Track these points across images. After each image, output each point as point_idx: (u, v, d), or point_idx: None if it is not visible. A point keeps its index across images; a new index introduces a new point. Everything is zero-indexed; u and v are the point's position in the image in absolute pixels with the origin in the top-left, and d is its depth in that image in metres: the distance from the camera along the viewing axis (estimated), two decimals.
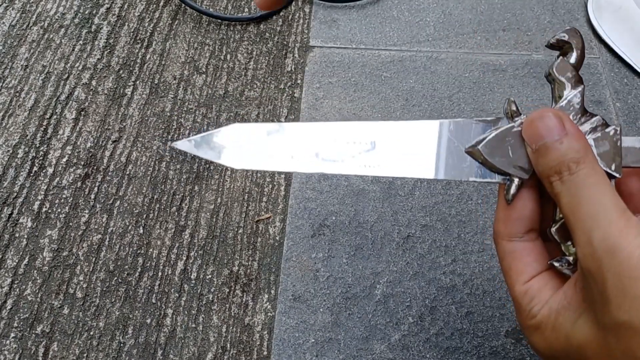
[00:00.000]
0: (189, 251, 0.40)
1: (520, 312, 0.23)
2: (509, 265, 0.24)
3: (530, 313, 0.22)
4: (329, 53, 0.50)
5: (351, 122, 0.26)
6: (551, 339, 0.21)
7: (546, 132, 0.22)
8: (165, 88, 0.48)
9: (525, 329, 0.23)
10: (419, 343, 0.36)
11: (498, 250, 0.25)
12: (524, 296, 0.23)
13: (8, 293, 0.38)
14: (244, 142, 0.25)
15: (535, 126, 0.22)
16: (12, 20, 0.52)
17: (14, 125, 0.45)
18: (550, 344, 0.22)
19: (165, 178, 0.43)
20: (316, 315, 0.37)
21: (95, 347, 0.36)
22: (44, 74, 0.49)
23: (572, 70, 0.24)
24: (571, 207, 0.21)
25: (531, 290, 0.23)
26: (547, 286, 0.23)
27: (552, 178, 0.22)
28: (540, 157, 0.22)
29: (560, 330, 0.21)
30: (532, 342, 0.23)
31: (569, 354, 0.21)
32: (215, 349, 0.36)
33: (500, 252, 0.24)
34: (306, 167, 0.25)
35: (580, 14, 0.53)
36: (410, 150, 0.25)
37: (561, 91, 0.24)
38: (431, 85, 0.48)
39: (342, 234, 0.40)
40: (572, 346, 0.21)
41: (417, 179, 0.43)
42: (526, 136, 0.23)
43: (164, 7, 0.53)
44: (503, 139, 0.24)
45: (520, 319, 0.23)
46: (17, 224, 0.41)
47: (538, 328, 0.22)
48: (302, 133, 0.26)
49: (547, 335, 0.22)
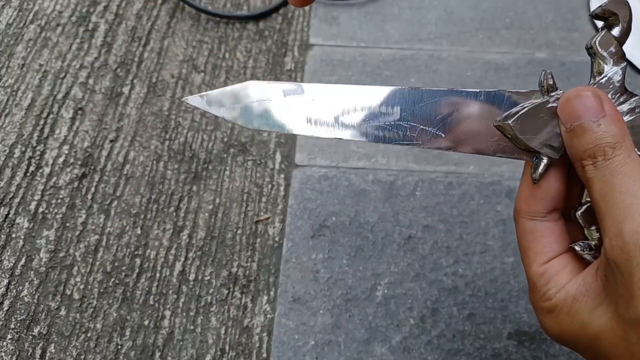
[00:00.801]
0: (187, 252, 0.39)
1: (534, 292, 0.23)
2: (528, 244, 0.23)
3: (546, 295, 0.22)
4: (329, 51, 0.50)
5: (378, 87, 0.24)
6: (565, 323, 0.21)
7: (583, 112, 0.21)
8: (163, 87, 0.48)
9: (538, 310, 0.23)
10: (421, 345, 0.36)
11: (518, 228, 0.24)
12: (541, 277, 0.22)
13: (5, 294, 0.37)
14: (259, 101, 0.24)
15: (572, 105, 0.21)
16: (9, 18, 0.51)
17: (11, 125, 0.45)
18: (563, 328, 0.21)
19: (163, 178, 0.43)
20: (316, 317, 0.37)
21: (92, 349, 0.35)
22: (41, 73, 0.48)
23: (616, 45, 0.22)
24: (603, 194, 0.20)
25: (548, 272, 0.22)
26: (566, 269, 0.22)
27: (585, 162, 0.21)
28: (574, 138, 0.21)
29: (576, 317, 0.21)
30: (544, 323, 0.23)
31: (581, 340, 0.21)
32: (213, 351, 0.36)
33: (520, 230, 0.24)
34: (323, 132, 0.24)
35: (582, 13, 0.53)
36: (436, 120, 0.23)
37: (601, 67, 0.22)
38: (433, 84, 0.48)
39: (342, 234, 0.40)
40: (586, 334, 0.20)
41: (419, 179, 0.42)
42: (561, 114, 0.22)
43: (162, 5, 0.53)
44: (536, 114, 0.22)
45: (534, 299, 0.23)
46: (13, 224, 0.40)
47: (552, 311, 0.22)
48: (322, 94, 0.24)
49: (560, 318, 0.21)
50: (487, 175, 0.43)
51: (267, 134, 0.45)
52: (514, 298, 0.37)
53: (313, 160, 0.44)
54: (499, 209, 0.41)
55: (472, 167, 0.43)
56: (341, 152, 0.44)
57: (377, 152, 0.44)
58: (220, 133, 0.45)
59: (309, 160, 0.44)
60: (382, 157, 0.44)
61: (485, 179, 0.43)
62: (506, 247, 0.39)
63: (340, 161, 0.43)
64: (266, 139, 0.45)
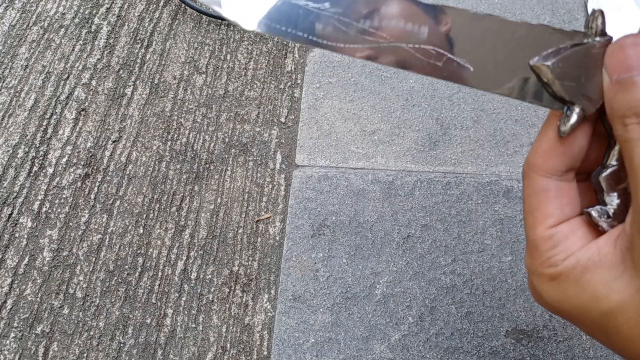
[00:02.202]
0: (189, 251, 0.40)
1: (535, 257, 0.21)
2: (538, 204, 0.21)
3: (550, 261, 0.20)
4: (329, 53, 0.50)
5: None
6: (569, 293, 0.20)
7: (636, 63, 0.18)
8: (165, 88, 0.48)
9: (537, 276, 0.21)
10: (419, 343, 0.36)
11: (527, 185, 0.21)
12: (546, 241, 0.20)
13: (8, 293, 0.38)
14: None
15: (624, 54, 0.18)
16: (12, 20, 0.52)
17: (14, 125, 0.45)
18: (566, 298, 0.20)
19: (165, 178, 0.43)
20: (316, 315, 0.37)
21: (95, 347, 0.36)
22: (44, 74, 0.48)
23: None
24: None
25: (556, 237, 0.20)
26: (576, 235, 0.20)
27: (628, 120, 0.18)
28: (620, 92, 0.18)
29: (586, 288, 0.19)
30: (540, 289, 0.21)
31: (588, 313, 0.19)
32: (215, 349, 0.36)
33: (530, 188, 0.21)
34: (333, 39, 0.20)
35: (580, 14, 0.53)
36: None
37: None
38: (431, 85, 0.48)
39: (342, 234, 0.40)
40: (597, 307, 0.19)
41: (417, 179, 0.43)
42: (609, 63, 0.19)
43: (164, 7, 0.53)
44: (578, 59, 0.19)
45: (534, 264, 0.21)
46: (17, 224, 0.41)
47: (555, 279, 0.20)
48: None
49: (564, 287, 0.20)
50: (485, 175, 0.43)
51: (268, 135, 0.45)
52: (512, 296, 0.38)
53: (313, 160, 0.44)
54: (497, 208, 0.42)
55: (470, 167, 0.44)
56: (341, 153, 0.44)
57: (376, 153, 0.44)
58: (222, 134, 0.45)
59: (309, 160, 0.44)
60: (381, 157, 0.44)
61: (483, 178, 0.43)
62: (504, 246, 0.40)
63: (340, 161, 0.44)
64: (267, 140, 0.45)
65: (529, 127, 0.46)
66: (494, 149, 0.45)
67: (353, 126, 0.46)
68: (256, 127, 0.46)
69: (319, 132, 0.45)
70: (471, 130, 0.46)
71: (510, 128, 0.46)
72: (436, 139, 0.45)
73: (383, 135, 0.45)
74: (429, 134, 0.45)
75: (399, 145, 0.45)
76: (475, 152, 0.44)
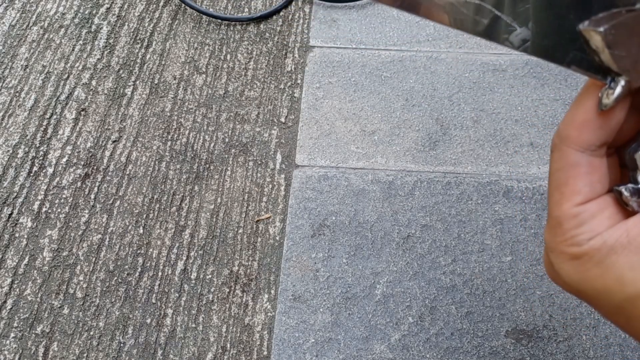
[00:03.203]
0: (189, 251, 0.40)
1: (557, 234, 0.20)
2: (566, 179, 0.20)
3: (575, 240, 0.19)
4: (329, 53, 0.50)
5: None
6: (592, 275, 0.19)
7: None
8: (165, 88, 0.48)
9: (558, 254, 0.20)
10: (419, 343, 0.36)
11: (557, 158, 0.20)
12: (572, 219, 0.20)
13: (8, 293, 0.38)
14: None
15: None
16: (12, 20, 0.52)
17: (14, 125, 0.45)
18: (588, 279, 0.19)
19: (165, 178, 0.43)
20: (316, 315, 0.37)
21: (95, 347, 0.36)
22: (44, 74, 0.49)
23: None
24: None
25: (583, 215, 0.20)
26: (603, 215, 0.20)
27: None
28: None
29: (611, 270, 0.19)
30: (560, 268, 0.20)
31: (612, 297, 0.19)
32: (215, 348, 0.36)
33: (560, 161, 0.20)
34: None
35: None
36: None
37: None
38: (431, 85, 0.48)
39: (342, 234, 0.40)
40: (622, 291, 0.18)
41: (417, 179, 0.43)
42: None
43: (164, 7, 0.53)
44: (632, 26, 0.18)
45: (555, 241, 0.20)
46: (17, 224, 0.41)
47: (578, 258, 0.19)
48: None
49: (586, 268, 0.19)
50: (485, 175, 0.43)
51: (268, 135, 0.45)
52: (512, 296, 0.38)
53: (313, 160, 0.44)
54: (497, 208, 0.42)
55: (470, 167, 0.44)
56: (341, 153, 0.44)
57: (376, 153, 0.44)
58: (222, 134, 0.45)
59: (309, 160, 0.44)
60: (381, 157, 0.44)
61: (483, 179, 0.43)
62: (504, 246, 0.40)
63: (340, 161, 0.44)
64: (267, 140, 0.45)
65: (529, 127, 0.46)
66: (494, 149, 0.45)
67: (353, 126, 0.46)
68: (256, 127, 0.46)
69: (319, 132, 0.46)
70: (471, 130, 0.46)
71: (510, 128, 0.46)
72: (436, 139, 0.45)
73: (383, 135, 0.45)
74: (429, 134, 0.45)
75: (399, 145, 0.45)
76: (475, 152, 0.44)
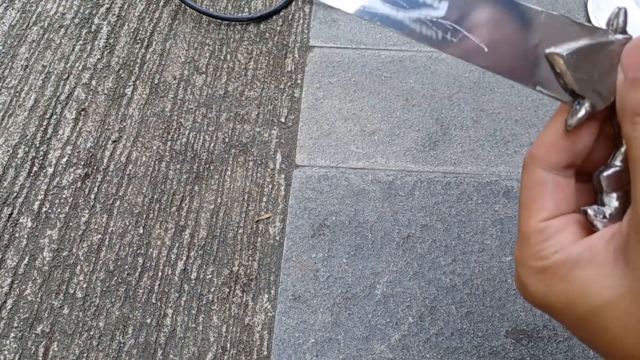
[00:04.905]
0: (189, 251, 0.40)
1: (525, 248, 0.21)
2: (533, 196, 0.21)
3: (540, 254, 0.20)
4: (329, 53, 0.50)
5: None
6: (556, 288, 0.19)
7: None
8: (165, 88, 0.48)
9: (525, 268, 0.21)
10: (419, 343, 0.36)
11: (526, 177, 0.21)
12: (538, 234, 0.20)
13: (8, 293, 0.38)
14: None
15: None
16: (12, 20, 0.52)
17: (14, 125, 0.45)
18: (552, 292, 0.20)
19: (165, 178, 0.43)
20: (316, 315, 0.37)
21: (95, 347, 0.36)
22: (44, 74, 0.49)
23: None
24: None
25: (548, 230, 0.20)
26: (568, 231, 0.20)
27: (638, 118, 0.18)
28: (632, 90, 0.19)
29: (575, 283, 0.19)
30: (526, 282, 0.21)
31: (575, 309, 0.19)
32: (215, 349, 0.36)
33: (528, 179, 0.21)
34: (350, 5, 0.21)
35: (580, 14, 0.53)
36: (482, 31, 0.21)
37: None
38: (431, 85, 0.48)
39: (342, 234, 0.40)
40: (585, 303, 0.19)
41: (417, 179, 0.43)
42: (625, 60, 0.19)
43: (164, 7, 0.53)
44: (594, 53, 0.19)
45: (523, 256, 0.21)
46: (17, 224, 0.41)
47: (544, 272, 0.20)
48: None
49: (552, 282, 0.20)
50: (485, 175, 0.43)
51: (268, 135, 0.45)
52: (512, 296, 0.38)
53: (313, 160, 0.44)
54: (497, 208, 0.42)
55: (470, 167, 0.44)
56: (341, 153, 0.44)
57: (376, 153, 0.44)
58: (222, 134, 0.45)
59: (309, 160, 0.44)
60: (381, 157, 0.44)
61: (483, 178, 0.43)
62: (504, 246, 0.40)
63: (340, 161, 0.44)
64: (267, 140, 0.45)
65: (529, 127, 0.46)
66: (494, 149, 0.45)
67: (353, 126, 0.46)
68: (256, 127, 0.46)
69: (319, 132, 0.46)
70: (471, 130, 0.46)
71: (510, 128, 0.46)
72: (436, 139, 0.45)
73: (383, 135, 0.45)
74: (429, 134, 0.45)
75: (399, 145, 0.45)
76: (475, 152, 0.44)
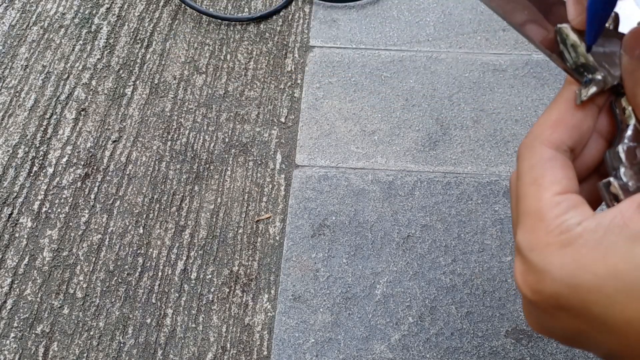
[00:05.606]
0: (189, 251, 0.40)
1: (540, 228, 0.18)
2: (543, 172, 0.19)
3: (564, 226, 0.18)
4: (329, 53, 0.50)
5: None
6: (591, 259, 0.17)
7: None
8: (165, 88, 0.48)
9: (542, 249, 0.18)
10: (419, 343, 0.36)
11: (530, 156, 0.20)
12: (556, 207, 0.18)
13: (8, 293, 0.38)
14: None
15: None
16: (12, 20, 0.52)
17: (14, 125, 0.45)
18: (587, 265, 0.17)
19: (165, 178, 0.43)
20: (316, 315, 0.37)
21: (95, 347, 0.36)
22: (44, 74, 0.49)
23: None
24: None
25: (566, 202, 0.18)
26: (585, 205, 0.18)
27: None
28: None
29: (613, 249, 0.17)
30: (548, 265, 0.18)
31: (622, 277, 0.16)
32: (215, 348, 0.36)
33: (534, 157, 0.20)
34: None
35: None
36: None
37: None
38: (431, 85, 0.48)
39: (342, 234, 0.40)
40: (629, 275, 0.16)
41: (417, 179, 0.43)
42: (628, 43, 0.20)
43: (164, 7, 0.53)
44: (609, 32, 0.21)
45: (537, 237, 0.18)
46: (17, 224, 0.41)
47: (571, 244, 0.17)
48: None
49: (583, 254, 0.17)
50: (485, 175, 0.43)
51: (268, 135, 0.45)
52: (512, 296, 0.38)
53: (313, 160, 0.44)
54: (497, 208, 0.42)
55: (470, 167, 0.44)
56: (341, 153, 0.44)
57: (376, 153, 0.44)
58: (222, 134, 0.45)
59: (309, 160, 0.44)
60: (381, 157, 0.44)
61: (483, 179, 0.43)
62: (504, 246, 0.40)
63: (340, 161, 0.44)
64: (267, 140, 0.45)
65: (529, 127, 0.46)
66: (494, 149, 0.45)
67: (353, 126, 0.46)
68: (256, 127, 0.46)
69: (319, 132, 0.46)
70: (471, 130, 0.46)
71: (510, 128, 0.46)
72: (436, 139, 0.45)
73: (383, 135, 0.45)
74: (429, 134, 0.45)
75: (399, 145, 0.45)
76: (475, 152, 0.44)
